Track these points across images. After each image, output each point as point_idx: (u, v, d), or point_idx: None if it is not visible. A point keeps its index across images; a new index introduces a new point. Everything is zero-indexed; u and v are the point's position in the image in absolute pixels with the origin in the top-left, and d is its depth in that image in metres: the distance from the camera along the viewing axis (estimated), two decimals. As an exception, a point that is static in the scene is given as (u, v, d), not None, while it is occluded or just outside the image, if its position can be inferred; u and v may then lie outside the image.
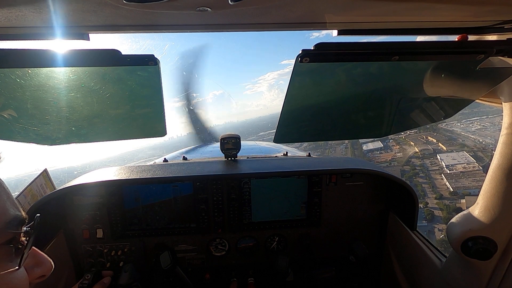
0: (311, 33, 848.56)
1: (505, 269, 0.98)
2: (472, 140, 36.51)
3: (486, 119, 42.02)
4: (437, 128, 42.55)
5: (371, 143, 41.21)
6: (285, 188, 1.67)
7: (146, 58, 0.72)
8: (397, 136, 40.79)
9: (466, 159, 31.38)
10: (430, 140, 38.35)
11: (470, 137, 36.97)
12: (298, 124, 1.11)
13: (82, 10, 0.59)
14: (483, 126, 40.53)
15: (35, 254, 0.59)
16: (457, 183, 28.59)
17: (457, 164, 30.92)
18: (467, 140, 36.67)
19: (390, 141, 41.66)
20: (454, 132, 40.22)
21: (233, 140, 1.74)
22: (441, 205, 25.63)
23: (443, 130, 42.05)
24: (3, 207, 0.51)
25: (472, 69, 0.84)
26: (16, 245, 0.52)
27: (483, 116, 42.21)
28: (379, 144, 40.68)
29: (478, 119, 42.48)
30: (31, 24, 0.65)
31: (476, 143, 35.24)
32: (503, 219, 0.91)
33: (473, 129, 39.91)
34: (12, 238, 0.51)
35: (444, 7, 0.63)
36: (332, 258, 1.71)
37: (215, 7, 0.58)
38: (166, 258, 1.46)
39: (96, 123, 1.06)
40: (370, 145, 40.67)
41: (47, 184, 1.96)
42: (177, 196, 1.63)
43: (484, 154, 31.50)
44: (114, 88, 0.91)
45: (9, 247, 0.51)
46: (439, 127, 42.93)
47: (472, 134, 37.64)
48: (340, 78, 0.93)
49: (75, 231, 1.58)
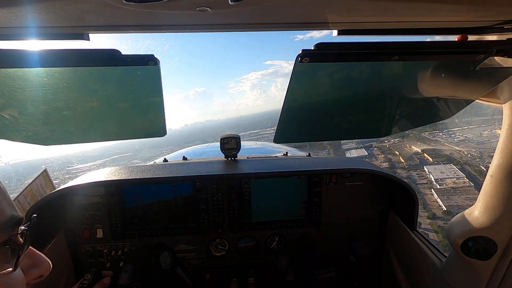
0: (295, 35, 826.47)
1: (505, 269, 0.98)
2: (456, 151, 34.90)
3: (467, 129, 40.10)
4: (421, 137, 40.81)
5: (355, 150, 39.14)
6: (285, 188, 1.67)
7: (146, 58, 0.72)
8: (381, 145, 39.18)
9: (455, 173, 29.29)
10: (415, 150, 36.71)
11: (454, 148, 35.41)
12: (298, 124, 1.11)
13: (82, 10, 0.59)
14: (466, 137, 38.58)
15: (32, 254, 0.58)
16: (450, 200, 26.05)
17: (447, 179, 28.42)
18: (451, 151, 34.99)
19: (374, 149, 39.69)
20: (438, 142, 38.76)
21: (233, 140, 1.74)
22: (435, 226, 23.25)
23: (427, 139, 40.24)
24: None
25: (472, 69, 0.84)
26: (13, 246, 0.51)
27: (464, 127, 40.41)
28: (363, 152, 38.64)
29: (460, 130, 40.57)
30: (31, 24, 0.65)
31: (461, 155, 33.66)
32: (503, 219, 0.91)
33: (456, 140, 38.02)
34: (8, 239, 0.50)
35: (444, 7, 0.63)
36: (332, 258, 1.71)
37: (215, 7, 0.58)
38: (166, 258, 1.46)
39: (96, 123, 1.06)
40: (354, 152, 38.31)
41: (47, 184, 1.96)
42: (177, 196, 1.63)
43: (472, 168, 29.61)
44: (114, 88, 0.91)
45: (5, 248, 0.50)
46: (422, 135, 41.12)
47: (456, 145, 36.10)
48: (340, 78, 0.93)
49: (75, 231, 1.58)
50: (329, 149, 38.01)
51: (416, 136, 40.60)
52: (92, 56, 0.71)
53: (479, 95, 0.98)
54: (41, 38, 0.73)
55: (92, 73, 0.82)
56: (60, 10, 0.57)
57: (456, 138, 38.10)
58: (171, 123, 36.60)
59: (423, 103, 1.10)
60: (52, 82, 0.82)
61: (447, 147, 35.81)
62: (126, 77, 0.86)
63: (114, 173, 1.57)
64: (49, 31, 0.71)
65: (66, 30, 0.70)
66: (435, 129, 40.95)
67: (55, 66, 0.74)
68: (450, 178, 28.57)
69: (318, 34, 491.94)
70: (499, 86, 0.90)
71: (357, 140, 34.69)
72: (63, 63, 0.72)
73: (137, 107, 1.00)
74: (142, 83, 0.88)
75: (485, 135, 36.89)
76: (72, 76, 0.82)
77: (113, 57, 0.71)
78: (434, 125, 40.58)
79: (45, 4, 0.54)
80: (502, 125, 0.90)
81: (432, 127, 39.77)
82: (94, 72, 0.82)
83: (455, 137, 38.60)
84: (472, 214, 1.00)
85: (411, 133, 40.59)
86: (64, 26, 0.68)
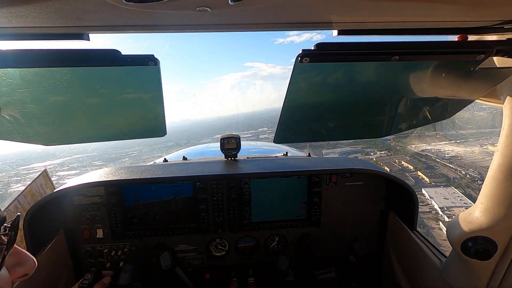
0: (276, 38, 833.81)
1: (505, 269, 0.98)
2: (452, 170, 29.35)
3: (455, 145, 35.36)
4: (408, 150, 36.37)
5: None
6: (285, 188, 1.67)
7: (146, 58, 0.72)
8: (367, 157, 34.36)
9: (461, 199, 22.30)
10: (406, 166, 31.80)
11: (449, 166, 30.24)
12: (298, 124, 1.11)
13: (82, 10, 0.59)
14: (457, 153, 33.50)
15: (17, 252, 0.58)
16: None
17: (454, 207, 21.31)
18: (447, 170, 29.51)
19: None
20: (430, 158, 33.30)
21: (233, 140, 1.74)
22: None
23: (416, 154, 35.42)
24: None
25: (472, 69, 0.84)
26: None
27: (451, 140, 36.36)
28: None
29: (447, 143, 36.35)
30: (31, 24, 0.65)
31: (460, 176, 27.68)
32: (503, 219, 0.91)
33: (448, 156, 32.76)
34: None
35: (444, 7, 0.63)
36: (332, 258, 1.71)
37: (215, 7, 0.58)
38: (166, 259, 1.46)
39: (96, 123, 1.06)
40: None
41: (47, 184, 1.96)
42: (177, 196, 1.63)
43: (477, 193, 25.47)
44: (114, 88, 0.91)
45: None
46: (408, 149, 36.51)
47: (449, 162, 31.92)
48: (340, 78, 0.93)
49: (75, 231, 1.58)
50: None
51: (403, 150, 36.81)
52: (92, 56, 0.71)
53: (479, 95, 0.98)
54: (41, 38, 0.73)
55: (92, 73, 0.82)
56: (60, 10, 0.57)
57: (447, 153, 34.17)
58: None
59: (423, 103, 1.10)
60: (52, 82, 0.82)
61: (439, 163, 31.99)
62: (126, 77, 0.86)
63: (114, 173, 1.58)
64: (49, 31, 0.71)
65: (66, 30, 0.70)
66: (422, 141, 37.77)
67: (55, 66, 0.74)
68: (457, 206, 21.54)
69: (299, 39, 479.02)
70: (499, 86, 0.90)
71: (340, 151, 32.78)
72: (63, 63, 0.72)
73: (137, 107, 1.00)
74: (142, 83, 0.88)
75: (477, 152, 32.53)
76: (72, 76, 0.82)
77: (113, 57, 0.71)
78: (419, 138, 37.13)
79: (45, 4, 0.54)
80: (502, 125, 0.89)
81: (417, 138, 36.68)
82: (94, 72, 0.82)
83: (445, 152, 34.60)
84: (472, 214, 1.00)
85: (398, 145, 37.37)
86: (64, 26, 0.68)
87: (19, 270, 0.57)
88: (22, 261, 0.58)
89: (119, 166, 1.75)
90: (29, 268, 0.59)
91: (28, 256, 0.60)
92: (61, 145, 1.13)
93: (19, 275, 0.57)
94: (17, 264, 0.57)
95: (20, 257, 0.58)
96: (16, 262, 0.57)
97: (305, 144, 7.97)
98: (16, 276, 0.57)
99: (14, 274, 0.56)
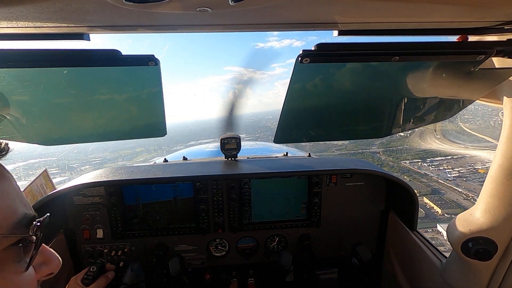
0: (256, 43, 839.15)
1: (506, 270, 0.98)
2: (461, 194, 24.31)
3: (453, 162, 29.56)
4: (401, 166, 31.37)
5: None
6: (285, 188, 1.67)
7: (146, 58, 0.72)
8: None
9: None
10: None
11: (457, 190, 25.04)
12: (298, 125, 1.11)
13: (82, 10, 0.59)
14: (461, 173, 27.83)
15: (42, 251, 0.57)
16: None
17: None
18: (454, 195, 24.60)
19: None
20: (432, 179, 28.03)
21: (234, 140, 1.74)
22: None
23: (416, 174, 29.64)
24: (12, 206, 0.48)
25: (472, 69, 0.84)
26: (25, 245, 0.50)
27: (448, 157, 30.80)
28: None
29: (444, 160, 30.74)
30: (31, 24, 0.65)
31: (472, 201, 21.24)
32: (503, 219, 0.91)
33: (451, 177, 27.48)
34: (21, 238, 0.49)
35: (444, 7, 0.63)
36: (333, 259, 1.71)
37: (215, 7, 0.58)
38: (175, 265, 1.45)
39: (96, 123, 1.07)
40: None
41: (47, 184, 1.96)
42: (177, 196, 1.63)
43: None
44: (114, 88, 0.91)
45: (18, 247, 0.49)
46: (403, 166, 31.27)
47: (455, 185, 25.61)
48: (340, 78, 0.93)
49: (75, 231, 1.58)
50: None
51: (398, 166, 32.05)
52: (93, 56, 0.71)
53: (479, 96, 0.98)
54: (42, 38, 0.73)
55: (92, 73, 0.82)
56: (60, 10, 0.57)
57: (448, 173, 28.56)
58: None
59: (423, 104, 1.10)
60: (52, 82, 0.83)
61: (443, 185, 26.27)
62: (126, 78, 0.86)
63: (114, 173, 1.57)
64: (50, 31, 0.71)
65: (67, 30, 0.70)
66: (415, 156, 33.27)
67: (55, 66, 0.74)
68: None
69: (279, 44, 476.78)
70: (499, 86, 0.90)
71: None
72: (63, 63, 0.72)
73: (137, 107, 1.00)
74: (142, 83, 0.88)
75: (482, 172, 26.73)
76: (73, 76, 0.82)
77: (113, 57, 0.71)
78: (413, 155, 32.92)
79: (45, 4, 0.54)
80: (502, 126, 0.89)
81: (413, 155, 32.19)
82: (95, 72, 0.82)
83: (446, 171, 28.99)
84: (473, 215, 0.99)
85: (390, 160, 33.98)
86: (65, 26, 0.68)
87: (45, 269, 0.56)
88: (48, 260, 0.57)
89: (119, 166, 1.75)
90: (55, 267, 0.58)
91: (54, 254, 0.59)
92: (61, 145, 1.13)
93: (45, 273, 0.56)
94: (43, 262, 0.57)
95: (46, 256, 0.58)
96: (42, 260, 0.57)
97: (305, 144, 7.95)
98: (41, 275, 0.56)
99: (40, 272, 0.55)
